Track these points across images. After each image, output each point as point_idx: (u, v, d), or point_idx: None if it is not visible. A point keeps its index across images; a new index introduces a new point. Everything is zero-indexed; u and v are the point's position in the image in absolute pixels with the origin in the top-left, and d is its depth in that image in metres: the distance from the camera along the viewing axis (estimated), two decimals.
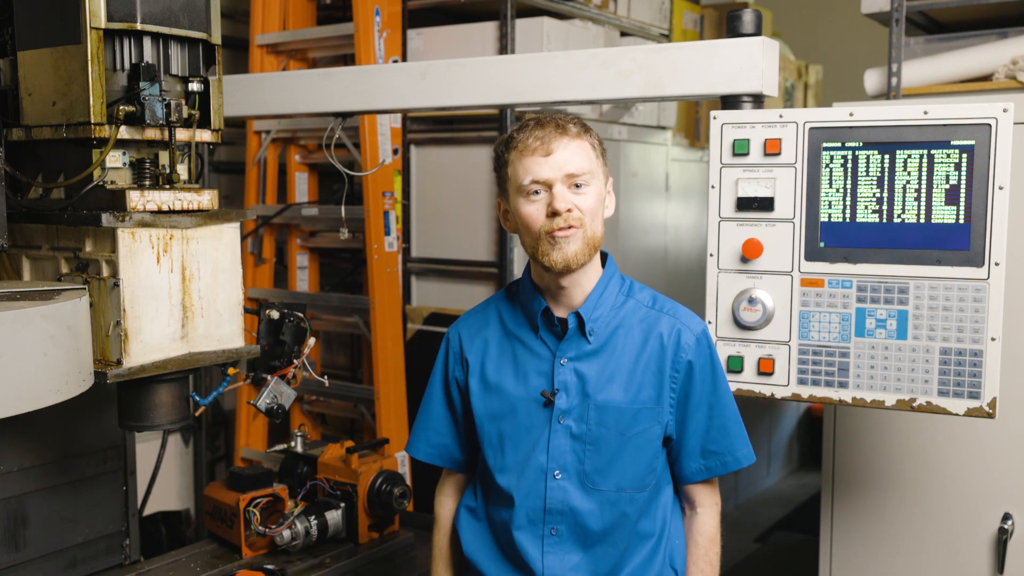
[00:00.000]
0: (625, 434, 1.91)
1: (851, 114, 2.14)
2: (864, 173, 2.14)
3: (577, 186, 1.87)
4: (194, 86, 2.20)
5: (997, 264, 2.05)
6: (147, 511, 3.41)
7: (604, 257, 2.01)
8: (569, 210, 1.85)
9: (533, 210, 1.87)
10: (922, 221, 2.10)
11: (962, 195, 2.07)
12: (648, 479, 1.94)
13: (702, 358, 1.94)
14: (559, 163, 1.85)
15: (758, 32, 2.22)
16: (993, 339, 2.07)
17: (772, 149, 2.20)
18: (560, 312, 1.96)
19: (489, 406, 2.00)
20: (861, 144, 2.14)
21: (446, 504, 2.17)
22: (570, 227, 1.85)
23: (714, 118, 2.26)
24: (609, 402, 1.91)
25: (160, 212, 2.11)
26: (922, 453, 3.08)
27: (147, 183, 2.15)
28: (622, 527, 1.93)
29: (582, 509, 1.92)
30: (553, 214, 1.85)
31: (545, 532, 1.93)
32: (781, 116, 2.20)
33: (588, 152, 1.89)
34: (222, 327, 2.24)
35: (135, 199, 2.08)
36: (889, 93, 3.22)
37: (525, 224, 1.89)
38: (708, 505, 2.03)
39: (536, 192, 1.87)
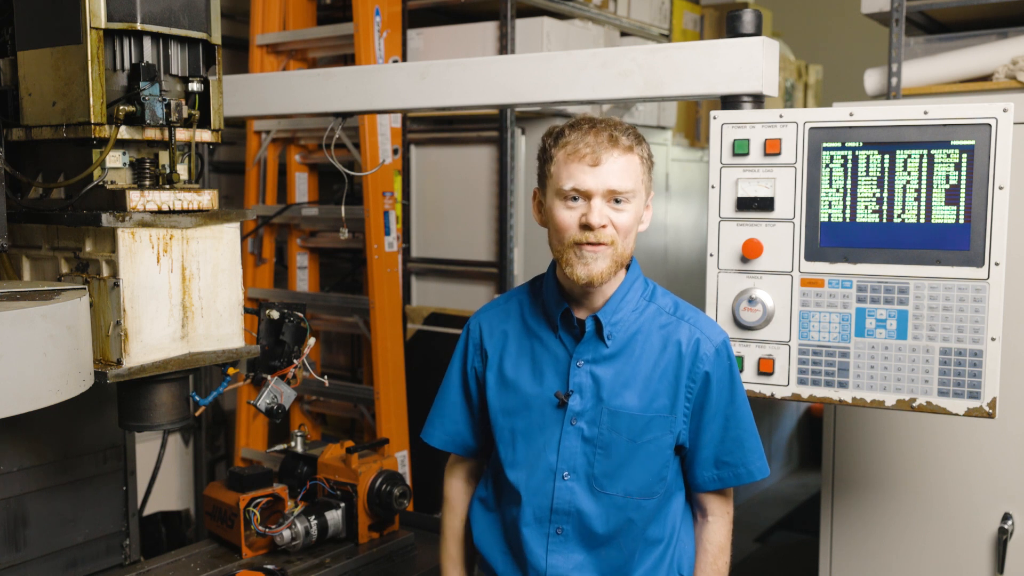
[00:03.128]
0: (636, 441, 1.90)
1: (851, 114, 2.14)
2: (864, 173, 2.14)
3: (617, 201, 1.85)
4: (194, 86, 2.19)
5: (997, 264, 2.05)
6: (147, 511, 3.41)
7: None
8: (604, 226, 1.83)
9: (567, 216, 1.85)
10: (922, 221, 2.10)
11: (962, 195, 2.06)
12: (657, 487, 1.93)
13: (720, 369, 1.93)
14: (604, 176, 1.83)
15: (758, 32, 2.22)
16: (993, 339, 2.07)
17: (772, 149, 2.20)
18: (580, 313, 1.95)
19: (504, 401, 2.00)
20: (861, 144, 2.13)
21: (456, 485, 2.17)
22: (600, 244, 1.84)
23: (714, 118, 2.26)
24: (623, 408, 1.90)
25: (160, 212, 2.11)
26: (922, 453, 3.08)
27: (147, 183, 2.14)
28: (628, 532, 1.93)
29: (588, 511, 1.91)
30: (586, 226, 1.83)
31: (551, 531, 1.93)
32: (781, 116, 2.20)
33: (635, 168, 1.87)
34: (222, 327, 2.24)
35: (135, 199, 2.08)
36: (889, 93, 3.22)
37: (556, 228, 1.88)
38: (719, 514, 2.02)
39: (575, 199, 1.85)
